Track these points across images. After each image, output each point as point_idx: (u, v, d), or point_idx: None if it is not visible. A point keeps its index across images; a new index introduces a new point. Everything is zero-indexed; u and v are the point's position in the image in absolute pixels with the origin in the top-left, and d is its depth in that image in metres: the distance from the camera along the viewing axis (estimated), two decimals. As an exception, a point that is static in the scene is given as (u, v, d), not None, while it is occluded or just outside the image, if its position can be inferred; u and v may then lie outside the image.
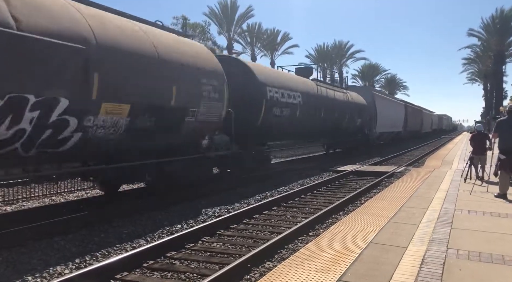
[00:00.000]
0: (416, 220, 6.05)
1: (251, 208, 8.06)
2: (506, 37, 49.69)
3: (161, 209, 8.27)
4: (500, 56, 50.28)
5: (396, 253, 4.46)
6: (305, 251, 4.61)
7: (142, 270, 5.02)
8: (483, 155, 10.57)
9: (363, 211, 6.80)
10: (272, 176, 13.29)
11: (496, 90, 53.41)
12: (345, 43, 61.20)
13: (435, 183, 10.04)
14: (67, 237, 6.25)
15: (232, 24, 45.38)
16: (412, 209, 6.86)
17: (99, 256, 5.51)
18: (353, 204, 9.17)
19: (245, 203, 9.12)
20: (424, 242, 4.89)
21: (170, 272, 4.95)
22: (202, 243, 6.15)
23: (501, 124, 8.14)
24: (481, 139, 10.67)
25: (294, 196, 9.86)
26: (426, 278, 3.75)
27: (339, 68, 60.07)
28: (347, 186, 12.16)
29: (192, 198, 9.42)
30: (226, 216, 7.32)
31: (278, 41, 51.08)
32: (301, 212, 8.47)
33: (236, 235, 6.64)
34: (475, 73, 65.17)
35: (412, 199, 7.78)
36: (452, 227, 5.63)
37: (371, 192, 10.73)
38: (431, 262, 4.19)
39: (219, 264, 5.22)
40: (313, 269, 3.98)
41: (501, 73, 51.68)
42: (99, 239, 6.27)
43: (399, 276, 3.80)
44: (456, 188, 9.11)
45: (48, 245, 5.88)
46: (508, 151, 7.83)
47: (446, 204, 7.31)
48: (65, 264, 5.18)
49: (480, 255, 4.42)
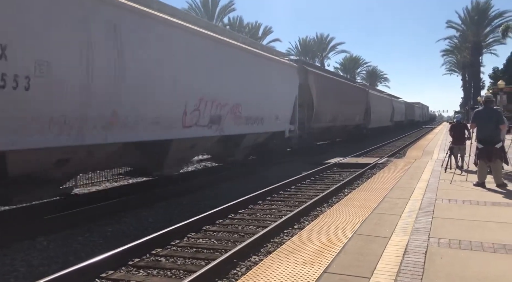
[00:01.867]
0: (399, 210, 6.16)
1: (237, 203, 8.07)
2: (482, 29, 50.66)
3: (146, 206, 8.22)
4: (477, 47, 51.26)
5: (380, 244, 4.54)
6: (291, 244, 4.65)
7: (127, 268, 4.98)
8: (463, 145, 10.82)
9: (346, 202, 6.89)
10: (256, 170, 13.33)
11: (474, 81, 54.52)
12: (326, 36, 61.58)
13: (416, 173, 10.23)
14: (50, 237, 6.16)
15: (213, 18, 45.03)
16: (395, 199, 6.98)
17: (84, 256, 5.45)
18: (337, 196, 9.27)
19: (230, 198, 9.12)
20: (407, 232, 4.99)
21: (156, 269, 4.94)
22: (188, 239, 6.14)
23: (478, 114, 8.32)
24: (460, 129, 10.91)
25: (278, 189, 9.91)
26: (408, 267, 3.83)
27: (321, 61, 60.35)
28: (330, 178, 12.28)
29: (177, 194, 9.40)
30: (211, 211, 7.31)
31: (260, 35, 50.94)
32: (286, 206, 8.53)
33: (222, 230, 6.65)
34: (453, 64, 66.35)
35: (394, 190, 7.91)
36: (434, 216, 5.76)
37: (354, 184, 10.87)
38: (413, 251, 4.28)
39: (205, 259, 5.22)
40: (299, 262, 4.02)
41: (478, 64, 52.74)
42: (83, 239, 6.21)
43: (382, 266, 3.88)
44: (436, 178, 9.30)
45: (31, 245, 5.79)
46: (485, 140, 8.02)
47: (427, 194, 7.46)
48: (48, 265, 5.12)
49: (460, 243, 4.54)
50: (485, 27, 50.76)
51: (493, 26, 50.12)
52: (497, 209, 6.21)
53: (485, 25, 50.61)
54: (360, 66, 77.02)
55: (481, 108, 8.63)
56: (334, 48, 62.49)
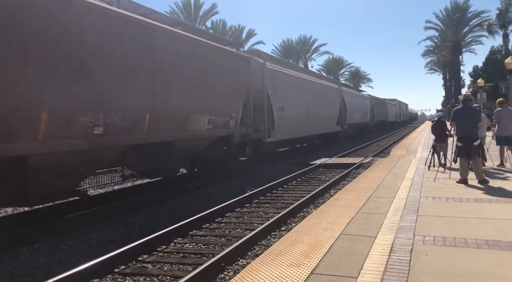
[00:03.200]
0: (384, 209, 6.22)
1: (223, 206, 8.04)
2: (461, 28, 51.62)
3: (132, 212, 8.12)
4: (456, 46, 52.19)
5: (366, 243, 4.57)
6: (278, 246, 4.65)
7: (113, 275, 4.91)
8: (444, 143, 10.99)
9: (333, 203, 6.93)
10: (242, 173, 13.30)
11: (455, 80, 55.45)
12: (309, 38, 61.90)
13: (400, 172, 10.35)
14: (33, 246, 6.04)
15: (196, 21, 44.89)
16: (380, 198, 7.04)
17: (68, 264, 5.36)
18: (323, 197, 9.32)
19: (216, 202, 9.09)
20: (392, 231, 5.04)
21: (143, 276, 4.88)
22: (175, 245, 6.09)
23: (457, 112, 8.48)
24: (441, 127, 11.08)
25: (265, 191, 9.92)
26: (395, 265, 3.87)
27: (304, 63, 60.68)
28: (316, 179, 12.34)
29: (163, 199, 9.31)
30: (198, 216, 7.27)
31: (243, 37, 50.97)
32: (273, 208, 8.53)
33: (209, 235, 6.61)
34: (434, 63, 67.44)
35: (380, 189, 7.99)
36: (418, 214, 5.83)
37: (340, 184, 10.94)
38: (399, 249, 4.32)
39: (192, 264, 5.19)
40: (286, 264, 4.02)
41: (458, 63, 53.66)
42: (67, 247, 6.10)
43: (369, 265, 3.90)
44: (420, 176, 9.43)
45: (13, 255, 5.66)
46: (464, 138, 8.18)
47: (412, 192, 7.55)
48: (32, 275, 5.01)
49: (445, 239, 4.60)
50: (463, 27, 51.73)
51: (471, 26, 51.16)
52: (479, 205, 6.32)
53: (464, 25, 51.58)
54: (343, 66, 77.69)
55: (460, 107, 8.79)
56: (317, 49, 62.91)
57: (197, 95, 10.17)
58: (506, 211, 5.82)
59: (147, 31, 8.34)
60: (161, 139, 8.94)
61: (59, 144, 6.42)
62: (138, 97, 8.09)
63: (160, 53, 8.71)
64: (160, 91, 8.70)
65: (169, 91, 9.06)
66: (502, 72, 33.28)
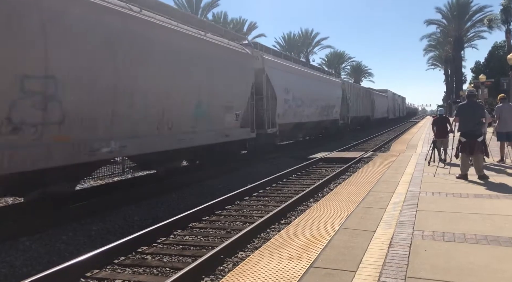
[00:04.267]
0: (384, 204, 6.22)
1: (223, 199, 8.05)
2: (463, 23, 51.39)
3: (131, 204, 8.13)
4: (458, 42, 51.99)
5: (365, 237, 4.58)
6: (277, 239, 4.65)
7: (113, 266, 4.93)
8: (445, 138, 10.97)
9: (332, 197, 6.93)
10: (243, 166, 13.31)
11: (456, 75, 55.34)
12: (311, 31, 61.63)
13: (400, 167, 10.34)
14: (33, 237, 6.05)
15: (198, 14, 44.65)
16: (380, 193, 7.05)
17: (68, 255, 5.38)
18: (323, 191, 9.33)
19: (216, 195, 9.10)
20: (392, 225, 5.04)
21: (142, 268, 4.89)
22: (174, 237, 6.11)
23: (462, 108, 8.48)
24: (442, 122, 11.05)
25: (265, 185, 9.92)
26: (393, 260, 3.87)
27: (306, 57, 60.47)
28: (316, 173, 12.34)
29: (163, 191, 9.32)
30: (197, 208, 7.28)
31: (244, 30, 50.72)
32: (273, 201, 8.54)
33: (209, 227, 6.63)
34: (436, 58, 67.19)
35: (379, 184, 7.99)
36: (418, 209, 5.83)
37: (340, 178, 10.95)
38: (398, 244, 4.33)
39: (191, 256, 5.20)
40: (285, 257, 4.03)
41: (460, 58, 53.52)
42: (67, 238, 6.11)
43: (368, 259, 3.91)
44: (420, 171, 9.43)
45: (13, 246, 5.67)
46: (468, 134, 8.17)
47: (411, 187, 7.55)
48: (31, 266, 5.03)
49: (444, 235, 4.60)
50: (466, 22, 51.48)
51: (473, 21, 50.90)
52: (479, 201, 6.32)
53: (466, 20, 51.34)
54: (344, 61, 77.39)
55: (465, 102, 8.76)
56: (318, 43, 62.63)
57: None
58: (505, 207, 5.82)
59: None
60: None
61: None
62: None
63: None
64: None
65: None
66: (504, 68, 33.15)
